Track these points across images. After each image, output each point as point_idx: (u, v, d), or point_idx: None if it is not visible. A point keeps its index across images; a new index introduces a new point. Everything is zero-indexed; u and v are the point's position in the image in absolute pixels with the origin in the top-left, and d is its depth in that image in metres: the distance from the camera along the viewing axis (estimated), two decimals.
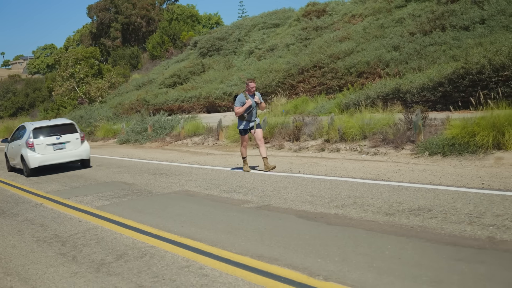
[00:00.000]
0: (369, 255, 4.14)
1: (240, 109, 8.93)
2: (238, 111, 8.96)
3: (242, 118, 9.07)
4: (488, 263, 3.73)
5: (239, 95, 9.10)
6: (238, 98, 9.01)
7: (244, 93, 9.07)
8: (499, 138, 8.71)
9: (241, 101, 8.96)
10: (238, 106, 8.97)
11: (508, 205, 5.20)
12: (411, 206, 5.56)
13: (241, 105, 8.94)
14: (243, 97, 8.98)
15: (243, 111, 8.92)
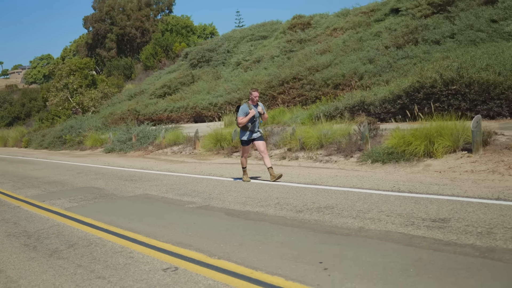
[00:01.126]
0: (261, 241, 5.29)
1: (244, 119, 8.79)
2: (242, 121, 8.81)
3: (245, 128, 8.95)
4: (344, 245, 4.86)
5: (242, 105, 8.94)
6: (241, 108, 8.87)
7: (247, 103, 8.94)
8: (429, 147, 9.83)
9: (244, 112, 8.81)
10: (241, 116, 8.81)
11: (395, 203, 6.33)
12: (320, 205, 6.70)
13: (244, 115, 8.79)
14: (247, 107, 8.85)
15: (246, 121, 8.79)
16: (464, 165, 8.86)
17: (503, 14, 19.18)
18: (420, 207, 6.04)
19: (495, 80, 12.16)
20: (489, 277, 3.67)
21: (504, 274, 3.69)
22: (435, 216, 5.53)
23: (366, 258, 4.35)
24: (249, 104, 8.92)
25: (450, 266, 3.97)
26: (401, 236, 4.89)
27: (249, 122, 8.91)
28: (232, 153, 14.24)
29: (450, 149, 9.67)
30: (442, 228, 5.04)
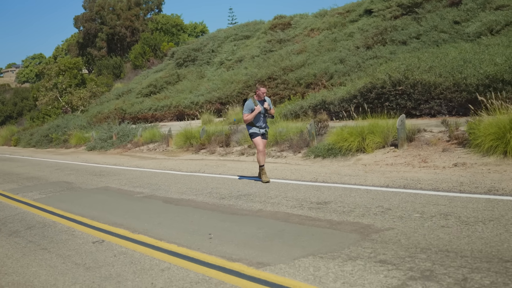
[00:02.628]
0: (176, 220, 6.63)
1: (249, 116, 8.59)
2: (247, 118, 8.63)
3: (252, 125, 8.75)
4: (237, 222, 6.17)
5: (248, 100, 8.72)
6: (246, 104, 8.67)
7: (253, 98, 8.67)
8: (362, 143, 11.18)
9: (249, 108, 8.58)
10: (246, 113, 8.63)
11: (300, 191, 7.66)
12: (241, 193, 8.05)
13: (249, 111, 8.59)
14: (252, 103, 8.59)
15: (251, 118, 8.59)
16: (388, 158, 10.19)
17: (465, 16, 20.47)
18: (316, 193, 7.38)
19: (436, 81, 13.48)
20: (320, 240, 4.98)
21: (333, 239, 5.00)
22: (322, 200, 6.87)
23: (245, 231, 5.70)
24: (254, 100, 8.62)
25: (301, 234, 5.31)
26: (284, 215, 6.24)
27: (257, 119, 8.69)
28: (199, 150, 15.57)
29: (381, 145, 11.00)
30: (320, 209, 6.38)
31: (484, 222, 5.00)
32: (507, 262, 3.86)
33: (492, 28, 18.11)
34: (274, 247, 4.89)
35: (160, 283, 4.33)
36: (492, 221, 5.01)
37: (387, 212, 5.79)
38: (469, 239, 4.49)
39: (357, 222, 5.49)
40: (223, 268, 4.49)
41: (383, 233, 4.97)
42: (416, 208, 5.84)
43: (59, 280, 4.73)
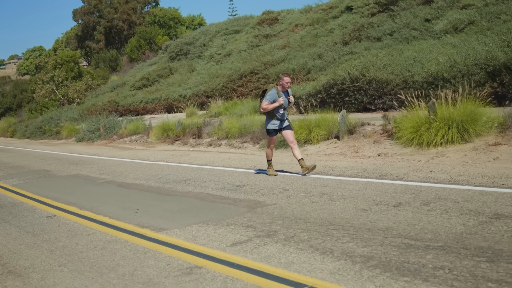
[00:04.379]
0: (120, 200, 8.07)
1: (270, 105, 8.19)
2: (266, 107, 8.22)
3: (271, 116, 8.37)
4: (163, 200, 7.59)
5: (270, 90, 8.32)
6: (269, 94, 8.24)
7: (276, 89, 8.30)
8: (309, 135, 12.56)
9: (272, 98, 8.21)
10: (267, 101, 8.22)
11: (231, 176, 9.05)
12: (184, 178, 9.48)
13: (271, 102, 8.20)
14: (275, 94, 8.22)
15: (272, 108, 8.23)
16: (328, 149, 11.58)
17: (436, 14, 21.70)
18: (243, 178, 8.80)
19: (388, 79, 14.81)
20: (217, 212, 6.32)
21: (227, 211, 6.32)
22: (242, 183, 8.29)
23: (166, 207, 7.13)
24: (278, 90, 8.27)
25: (205, 208, 6.73)
26: (204, 195, 7.66)
27: (276, 110, 8.34)
28: (174, 141, 17.01)
29: (326, 137, 12.37)
30: (235, 190, 7.80)
31: (345, 198, 6.40)
32: (331, 225, 5.27)
33: (456, 26, 19.36)
34: (178, 218, 6.32)
35: (82, 242, 5.77)
36: (352, 198, 6.41)
37: (284, 192, 7.21)
38: (322, 211, 5.89)
39: (254, 199, 6.90)
40: (133, 232, 5.92)
41: (267, 207, 6.38)
42: (307, 189, 7.25)
43: (10, 243, 6.17)
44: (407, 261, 3.96)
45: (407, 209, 5.51)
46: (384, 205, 5.80)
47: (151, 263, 4.68)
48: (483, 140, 9.25)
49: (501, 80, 12.17)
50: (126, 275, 4.45)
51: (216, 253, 4.73)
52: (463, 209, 5.28)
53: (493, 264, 3.71)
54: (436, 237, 4.49)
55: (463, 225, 4.75)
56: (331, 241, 4.68)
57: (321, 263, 4.14)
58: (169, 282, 4.14)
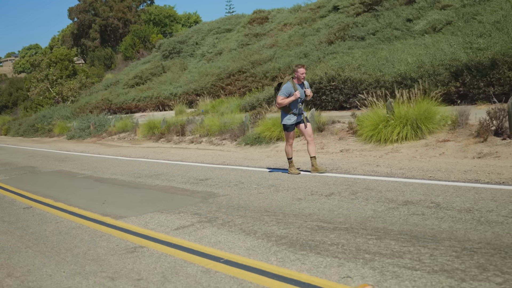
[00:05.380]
0: (92, 193, 8.85)
1: (285, 100, 7.97)
2: (282, 101, 7.99)
3: (287, 110, 8.14)
4: (131, 192, 8.38)
5: (285, 83, 8.08)
6: (284, 87, 8.02)
7: (292, 82, 8.08)
8: (282, 133, 13.32)
9: (288, 91, 7.98)
10: (282, 96, 8.00)
11: (199, 170, 9.84)
12: (156, 173, 10.29)
13: (287, 95, 7.98)
14: (291, 87, 8.01)
15: (288, 103, 8.00)
16: (297, 146, 12.35)
17: (417, 14, 22.45)
18: (208, 173, 9.60)
19: (361, 78, 15.58)
20: (173, 202, 7.09)
21: (182, 202, 7.11)
22: (205, 177, 9.09)
23: (132, 198, 7.94)
24: (293, 83, 8.07)
25: (165, 199, 7.53)
26: (168, 188, 8.46)
27: (293, 104, 8.12)
28: (159, 138, 17.82)
29: (297, 134, 13.13)
30: (197, 183, 8.60)
31: (288, 190, 7.20)
32: (266, 212, 6.07)
33: (435, 27, 20.12)
34: (138, 208, 7.12)
35: (50, 228, 6.57)
36: (294, 189, 7.21)
37: (239, 185, 8.01)
38: (263, 200, 6.69)
39: (210, 191, 7.70)
40: (96, 220, 6.72)
41: (218, 198, 7.19)
42: (260, 182, 8.05)
43: None
44: (312, 239, 4.76)
45: (335, 198, 6.31)
46: (318, 195, 6.59)
47: (103, 245, 5.48)
48: (435, 137, 10.03)
49: (463, 80, 12.93)
50: (80, 254, 5.24)
51: (160, 235, 5.53)
52: (381, 198, 6.07)
53: (379, 241, 4.51)
54: (346, 220, 5.29)
55: (373, 210, 5.54)
56: (259, 225, 5.48)
57: (242, 242, 4.93)
58: (113, 259, 4.94)
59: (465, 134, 9.70)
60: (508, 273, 3.48)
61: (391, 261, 3.96)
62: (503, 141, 8.90)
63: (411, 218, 5.07)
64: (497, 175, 6.82)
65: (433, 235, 4.49)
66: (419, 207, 5.47)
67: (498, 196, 5.59)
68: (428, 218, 5.01)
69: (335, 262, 4.06)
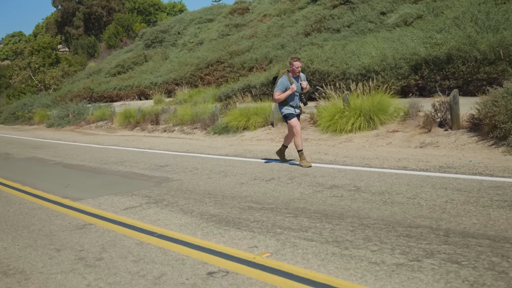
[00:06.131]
0: (58, 178, 9.46)
1: (282, 95, 7.90)
2: (279, 97, 7.92)
3: (285, 103, 8.05)
4: (94, 178, 8.99)
5: (280, 77, 7.99)
6: (280, 81, 7.91)
7: (287, 75, 7.97)
8: (248, 122, 13.98)
9: (284, 86, 7.89)
10: (278, 91, 7.90)
11: (163, 158, 10.46)
12: (122, 160, 10.90)
13: (283, 90, 7.90)
14: (286, 80, 7.90)
15: (285, 97, 7.91)
16: (262, 135, 13.03)
17: (390, 7, 23.11)
18: (169, 159, 10.23)
19: (329, 70, 16.23)
20: (129, 186, 7.70)
21: (138, 185, 7.72)
22: (164, 164, 9.72)
23: (93, 183, 8.55)
24: (289, 76, 7.96)
25: (122, 183, 8.16)
26: (129, 173, 9.09)
27: (290, 98, 8.03)
28: (134, 127, 18.39)
29: (262, 124, 13.80)
30: (156, 169, 9.23)
31: (235, 175, 7.85)
32: (209, 194, 6.73)
33: (406, 20, 20.79)
34: (97, 191, 7.74)
35: (13, 209, 7.17)
36: (241, 175, 7.87)
37: (193, 171, 8.66)
38: (210, 185, 7.34)
39: (166, 176, 8.34)
40: (56, 202, 7.33)
41: (171, 182, 7.83)
42: (213, 168, 8.70)
43: None
44: (239, 217, 5.43)
45: (273, 183, 6.99)
46: (259, 180, 7.27)
47: (57, 222, 6.11)
48: (386, 127, 10.74)
49: (422, 73, 13.64)
50: (35, 231, 5.87)
51: (109, 214, 6.18)
52: (313, 182, 6.76)
53: (294, 218, 5.19)
54: (274, 201, 5.97)
55: (301, 193, 6.23)
56: (198, 205, 6.14)
57: (178, 220, 5.59)
58: (63, 234, 5.57)
59: (413, 125, 10.39)
60: (385, 243, 4.17)
61: (296, 234, 4.63)
62: (444, 132, 9.60)
63: (330, 200, 5.75)
64: (426, 163, 7.53)
65: (341, 213, 5.17)
66: (341, 190, 6.16)
67: (413, 181, 6.29)
68: (344, 200, 5.69)
69: (249, 235, 4.73)
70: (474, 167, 6.86)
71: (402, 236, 4.27)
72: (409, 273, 3.51)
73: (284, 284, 3.55)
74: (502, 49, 12.00)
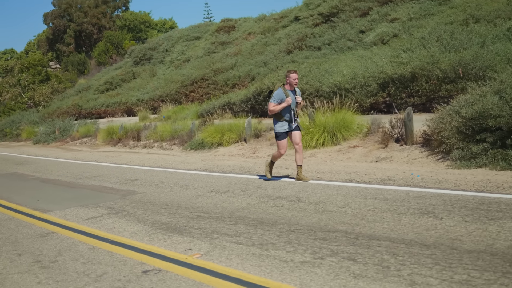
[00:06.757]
0: (34, 191, 10.06)
1: (277, 107, 7.87)
2: (274, 108, 7.88)
3: (279, 117, 8.02)
4: (65, 191, 9.60)
5: (276, 90, 7.98)
6: (276, 94, 7.91)
7: (283, 88, 7.95)
8: (222, 139, 14.62)
9: (279, 98, 7.88)
10: (274, 102, 7.88)
11: (134, 172, 11.07)
12: (96, 175, 11.51)
13: (278, 102, 7.88)
14: (282, 93, 7.89)
15: (280, 109, 7.89)
16: (234, 151, 13.67)
17: (369, 26, 23.99)
18: (139, 174, 10.85)
19: (303, 88, 16.94)
20: (96, 198, 8.32)
21: (104, 198, 8.35)
22: (135, 178, 10.35)
23: (64, 196, 9.15)
24: (285, 89, 7.94)
25: (90, 196, 8.77)
26: (99, 187, 9.70)
27: (284, 112, 8.00)
28: (117, 143, 19.01)
29: (236, 140, 14.45)
30: (126, 183, 9.85)
31: (195, 188, 8.49)
32: (166, 206, 7.36)
33: (383, 39, 21.64)
34: (66, 203, 8.35)
35: None
36: (201, 187, 8.50)
37: (159, 184, 9.29)
38: (170, 197, 7.97)
39: (132, 190, 8.97)
40: (27, 213, 7.93)
41: (136, 195, 8.45)
42: (178, 182, 9.33)
43: None
44: (186, 225, 6.05)
45: (227, 195, 7.63)
46: (215, 192, 7.91)
47: (24, 231, 6.71)
48: (348, 143, 11.41)
49: (389, 91, 14.39)
50: (2, 239, 6.46)
51: (71, 224, 6.79)
52: (262, 194, 7.40)
53: (233, 225, 5.82)
54: (221, 211, 6.60)
55: (248, 203, 6.86)
56: (153, 215, 6.76)
57: (131, 228, 6.21)
58: (27, 241, 6.17)
59: (373, 141, 11.07)
60: (302, 245, 4.81)
61: (229, 238, 5.26)
62: (400, 147, 10.29)
63: (270, 209, 6.39)
64: (371, 176, 8.20)
65: (275, 221, 5.81)
66: (284, 201, 6.80)
67: (350, 192, 6.95)
68: (282, 209, 6.34)
69: (188, 240, 5.36)
70: (412, 180, 7.52)
71: (319, 239, 4.91)
72: (309, 268, 4.14)
73: (203, 279, 4.18)
74: (461, 68, 12.76)
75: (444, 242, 4.46)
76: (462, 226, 4.88)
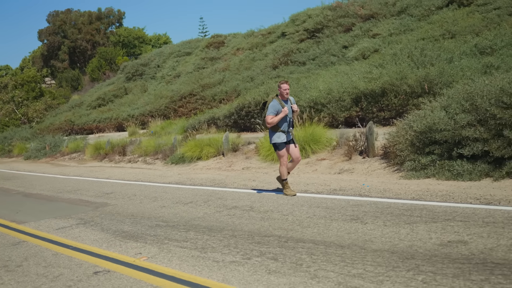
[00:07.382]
0: (14, 205, 10.71)
1: (275, 118, 7.90)
2: (272, 121, 7.91)
3: (276, 129, 8.05)
4: (43, 204, 10.27)
5: (270, 102, 8.04)
6: (271, 105, 7.93)
7: (278, 99, 8.00)
8: (201, 153, 15.31)
9: (276, 109, 7.91)
10: (271, 115, 7.91)
11: (109, 186, 11.74)
12: (76, 188, 12.18)
13: (275, 113, 7.92)
14: (278, 104, 7.93)
15: (277, 121, 7.92)
16: (212, 164, 14.34)
17: (352, 41, 24.77)
18: (116, 187, 11.51)
19: None
20: (70, 210, 8.97)
21: (77, 210, 8.97)
22: (111, 191, 11.02)
23: (43, 209, 9.81)
24: (279, 100, 7.99)
25: (65, 208, 9.41)
26: (76, 200, 10.34)
27: (281, 122, 8.04)
28: (104, 158, 19.68)
29: (215, 154, 15.13)
30: (101, 196, 10.51)
31: (163, 199, 9.16)
32: (131, 216, 8.02)
33: (364, 54, 22.41)
34: (41, 215, 9.01)
35: None
36: (168, 199, 9.16)
37: (132, 197, 9.96)
38: (138, 208, 8.64)
39: (105, 202, 9.63)
40: (4, 225, 8.56)
41: (107, 207, 9.12)
42: (149, 194, 10.00)
43: None
44: (144, 233, 6.71)
45: (189, 205, 8.30)
46: (179, 204, 8.57)
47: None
48: (317, 156, 12.09)
49: (361, 105, 15.10)
50: None
51: (42, 233, 7.44)
52: (221, 204, 8.07)
53: (185, 232, 6.48)
54: (179, 220, 7.26)
55: (205, 213, 7.53)
56: (118, 225, 7.42)
57: (94, 236, 6.87)
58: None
59: (340, 154, 11.75)
60: (237, 248, 5.46)
61: (177, 243, 5.92)
62: (362, 160, 10.97)
63: (222, 218, 7.06)
64: (326, 186, 8.87)
65: (223, 227, 6.48)
66: (238, 210, 7.47)
67: (299, 202, 7.61)
68: (233, 217, 7.00)
69: (141, 245, 6.02)
70: (361, 190, 8.20)
71: (254, 243, 5.57)
72: (235, 267, 4.80)
73: (143, 277, 4.84)
74: (427, 83, 13.49)
75: (358, 243, 5.12)
76: (380, 229, 5.54)
